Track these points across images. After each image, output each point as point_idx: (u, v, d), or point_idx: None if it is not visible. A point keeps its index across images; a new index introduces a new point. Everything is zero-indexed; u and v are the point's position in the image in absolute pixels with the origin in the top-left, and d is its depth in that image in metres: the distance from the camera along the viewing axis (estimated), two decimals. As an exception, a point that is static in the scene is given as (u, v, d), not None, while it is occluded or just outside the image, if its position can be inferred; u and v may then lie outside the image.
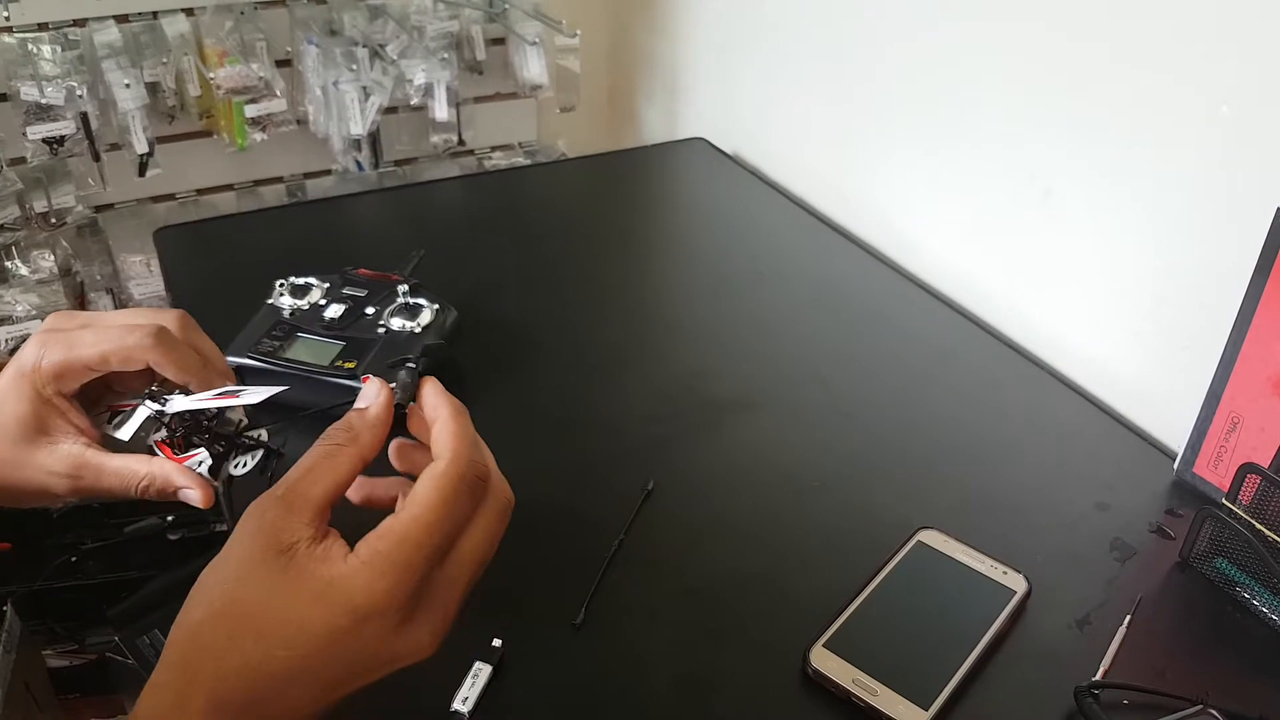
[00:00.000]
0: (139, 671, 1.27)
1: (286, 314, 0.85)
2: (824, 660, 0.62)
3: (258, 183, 1.43)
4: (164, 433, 0.57)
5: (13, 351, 1.30)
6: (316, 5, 1.34)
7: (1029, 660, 0.64)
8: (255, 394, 0.58)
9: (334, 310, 0.85)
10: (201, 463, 0.57)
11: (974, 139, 0.99)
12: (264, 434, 0.60)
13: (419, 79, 1.33)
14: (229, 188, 1.41)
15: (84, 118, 1.18)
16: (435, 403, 0.51)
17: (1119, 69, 0.83)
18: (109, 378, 0.59)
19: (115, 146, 1.24)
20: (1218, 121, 0.75)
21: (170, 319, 0.59)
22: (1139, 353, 0.87)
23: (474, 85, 1.46)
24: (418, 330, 0.84)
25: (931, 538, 0.71)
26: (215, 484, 0.58)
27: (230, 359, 0.81)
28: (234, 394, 0.58)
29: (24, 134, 1.16)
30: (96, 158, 1.22)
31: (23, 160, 1.20)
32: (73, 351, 0.56)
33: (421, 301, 0.86)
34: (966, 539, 0.70)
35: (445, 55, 1.35)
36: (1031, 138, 0.92)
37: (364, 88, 1.30)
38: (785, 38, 1.24)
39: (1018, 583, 0.67)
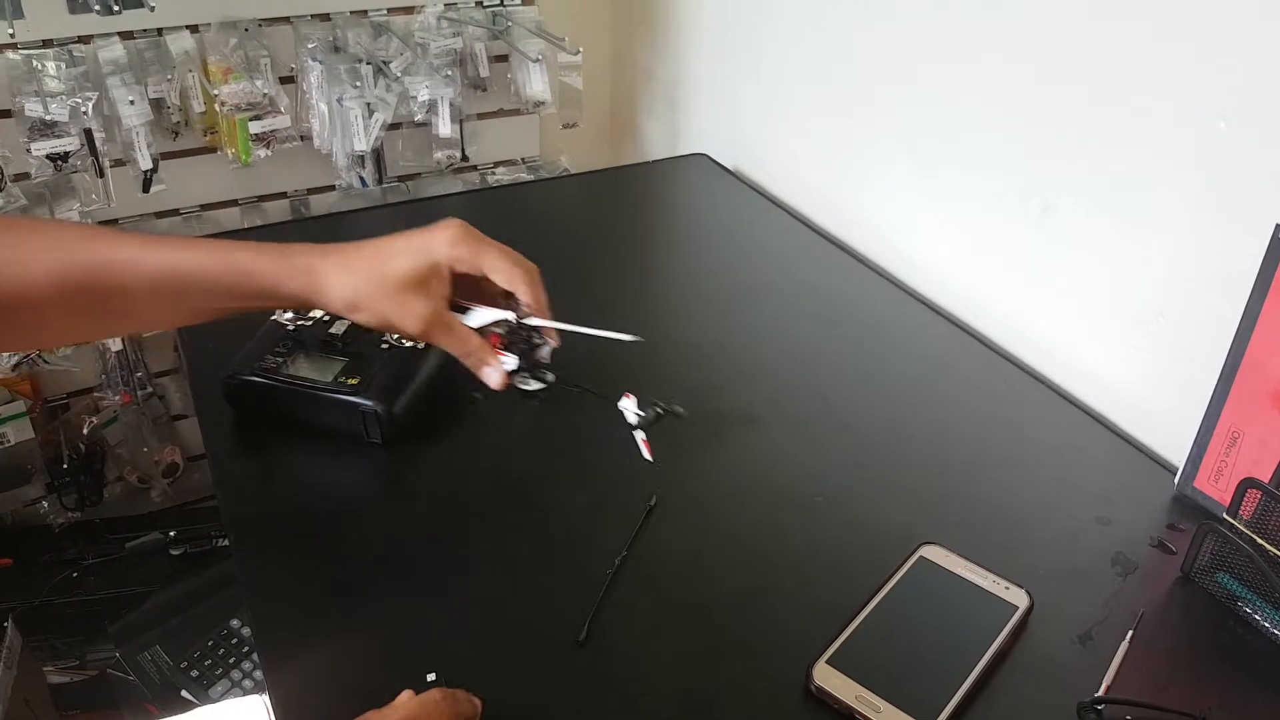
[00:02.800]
0: (140, 688, 1.27)
1: (290, 330, 0.86)
2: (827, 677, 0.62)
3: (261, 198, 1.43)
4: (503, 330, 0.77)
5: (15, 366, 1.30)
6: (320, 22, 1.35)
7: (1031, 676, 0.64)
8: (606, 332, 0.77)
9: (337, 327, 0.86)
10: (506, 364, 0.77)
11: (972, 154, 0.99)
12: (551, 377, 0.80)
13: (422, 95, 1.33)
14: (233, 203, 1.41)
15: (88, 134, 1.18)
16: None
17: (1116, 84, 0.83)
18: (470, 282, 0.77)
19: (120, 162, 1.25)
20: (1215, 136, 0.76)
21: (535, 270, 0.78)
22: (1139, 367, 0.87)
23: (477, 102, 1.47)
24: (420, 346, 0.84)
25: (933, 553, 0.71)
26: (509, 379, 0.77)
27: (234, 375, 0.81)
28: (576, 327, 0.77)
29: (28, 150, 1.16)
30: (101, 174, 1.22)
31: (27, 176, 1.20)
32: (481, 257, 0.75)
33: None
34: (968, 554, 0.71)
35: (449, 72, 1.36)
36: (1029, 153, 0.93)
37: (368, 104, 1.30)
38: (785, 55, 1.24)
39: (1020, 598, 0.67)
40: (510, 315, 0.77)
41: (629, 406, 0.70)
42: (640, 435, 0.69)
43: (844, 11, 1.12)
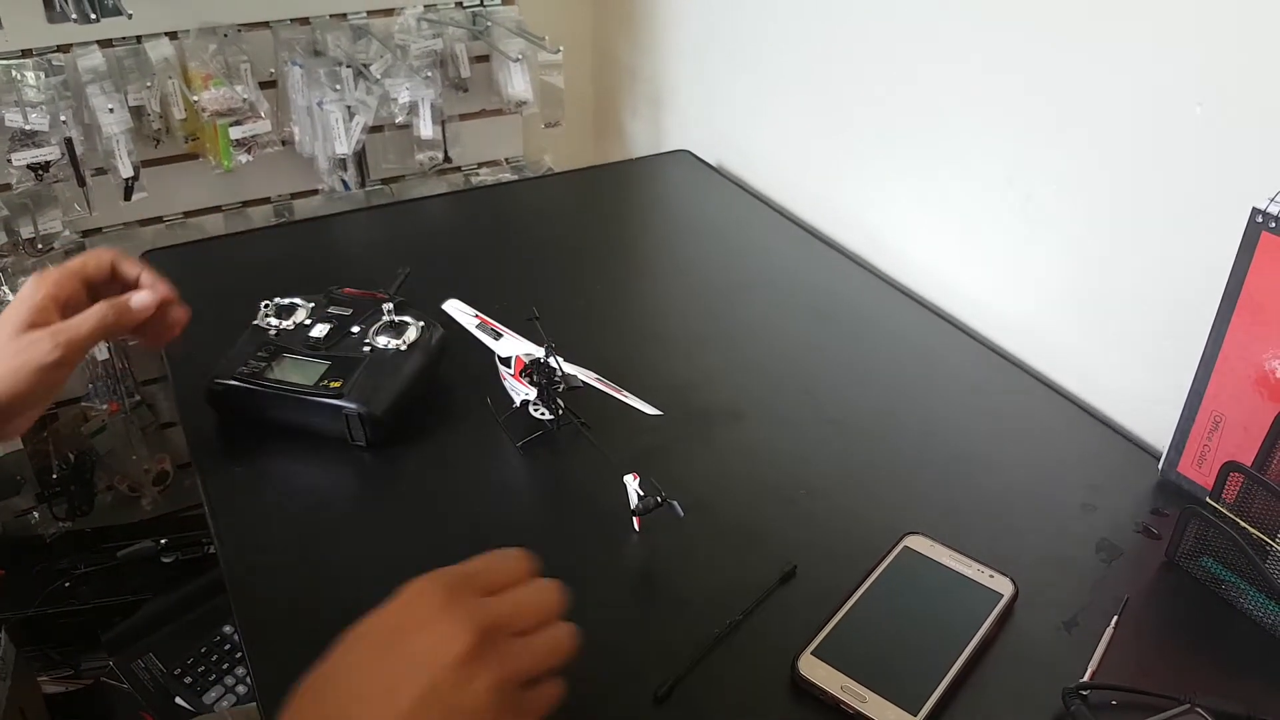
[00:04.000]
0: (134, 696, 1.27)
1: (272, 334, 0.86)
2: (812, 668, 0.62)
3: (245, 204, 1.43)
4: (528, 360, 0.79)
5: None
6: (300, 26, 1.35)
7: (1017, 663, 0.64)
8: (632, 398, 0.77)
9: (319, 330, 0.86)
10: (527, 395, 0.80)
11: (952, 143, 0.99)
12: (561, 409, 0.80)
13: (403, 97, 1.33)
14: (216, 209, 1.41)
15: (69, 143, 1.18)
16: None
17: (1094, 73, 0.83)
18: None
19: (101, 171, 1.24)
20: (1192, 122, 0.76)
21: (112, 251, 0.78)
22: (1122, 354, 0.88)
23: (459, 103, 1.46)
24: (403, 348, 0.84)
25: (918, 543, 0.71)
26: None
27: (217, 381, 0.81)
28: (606, 383, 0.78)
29: (9, 160, 1.16)
30: (82, 183, 1.21)
31: (8, 187, 1.20)
32: (80, 269, 0.76)
33: (407, 319, 0.86)
34: (953, 543, 0.71)
35: (429, 73, 1.35)
36: (1009, 142, 0.93)
37: (348, 107, 1.30)
38: (766, 51, 1.24)
39: (1004, 586, 0.68)
40: (539, 352, 0.79)
41: (632, 485, 0.72)
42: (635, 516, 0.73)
43: (826, 6, 1.12)
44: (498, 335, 0.83)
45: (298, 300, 0.89)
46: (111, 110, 1.19)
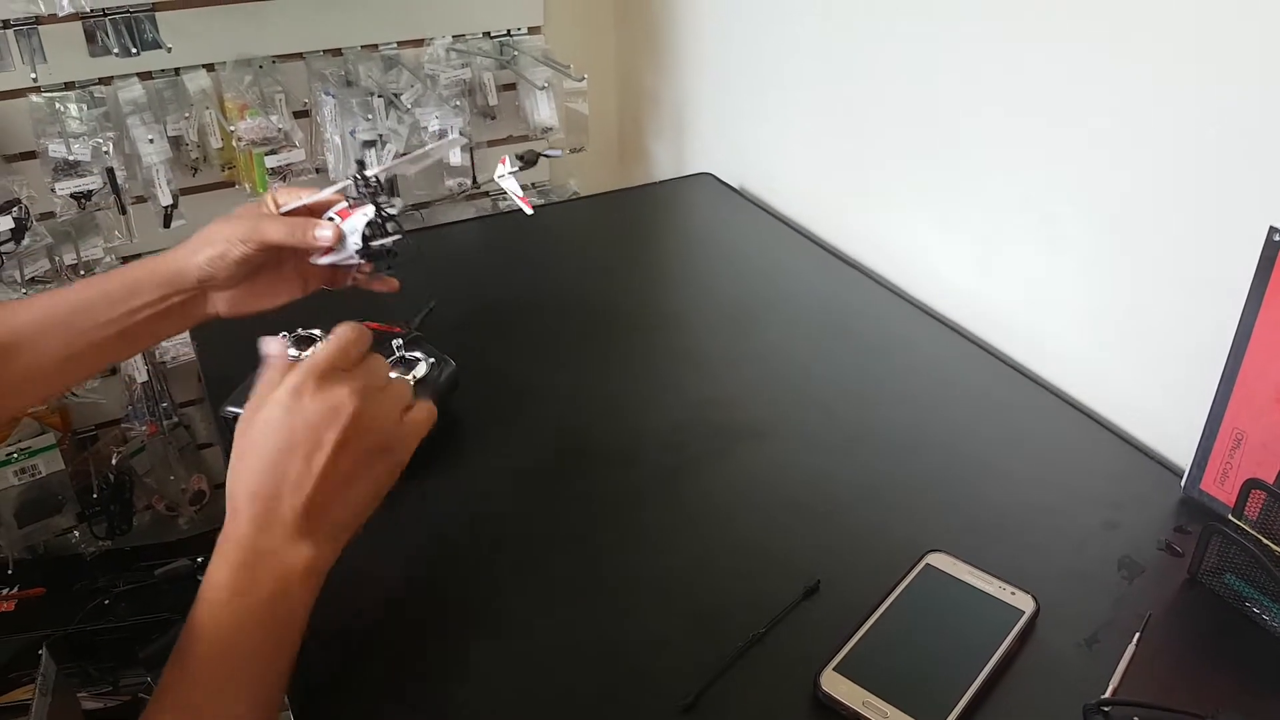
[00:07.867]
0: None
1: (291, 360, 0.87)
2: (834, 684, 0.63)
3: (279, 230, 1.46)
4: (349, 197, 0.82)
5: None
6: (333, 58, 1.38)
7: (1038, 679, 0.65)
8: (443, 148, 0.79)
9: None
10: (366, 215, 0.81)
11: (972, 164, 1.00)
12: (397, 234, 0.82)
13: (433, 126, 1.36)
14: (251, 236, 1.44)
15: (110, 173, 1.21)
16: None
17: (1110, 93, 0.84)
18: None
19: (141, 199, 1.28)
20: (1208, 142, 0.77)
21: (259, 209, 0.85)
22: (1143, 372, 0.88)
23: (487, 130, 1.49)
24: (412, 383, 0.85)
25: (940, 560, 0.72)
26: (359, 246, 0.82)
27: (230, 409, 0.84)
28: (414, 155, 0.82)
29: (53, 190, 1.20)
30: (123, 211, 1.25)
31: (52, 215, 1.23)
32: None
33: (417, 355, 0.87)
34: (975, 561, 0.71)
35: (458, 102, 1.39)
36: (1028, 163, 0.94)
37: (380, 135, 1.33)
38: (787, 74, 1.26)
39: (1026, 603, 0.68)
40: (348, 182, 0.82)
41: (502, 171, 0.71)
42: (515, 189, 0.70)
43: (846, 29, 1.14)
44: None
45: (315, 332, 0.90)
46: (151, 140, 1.23)
